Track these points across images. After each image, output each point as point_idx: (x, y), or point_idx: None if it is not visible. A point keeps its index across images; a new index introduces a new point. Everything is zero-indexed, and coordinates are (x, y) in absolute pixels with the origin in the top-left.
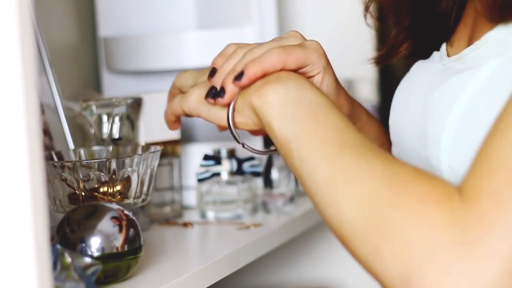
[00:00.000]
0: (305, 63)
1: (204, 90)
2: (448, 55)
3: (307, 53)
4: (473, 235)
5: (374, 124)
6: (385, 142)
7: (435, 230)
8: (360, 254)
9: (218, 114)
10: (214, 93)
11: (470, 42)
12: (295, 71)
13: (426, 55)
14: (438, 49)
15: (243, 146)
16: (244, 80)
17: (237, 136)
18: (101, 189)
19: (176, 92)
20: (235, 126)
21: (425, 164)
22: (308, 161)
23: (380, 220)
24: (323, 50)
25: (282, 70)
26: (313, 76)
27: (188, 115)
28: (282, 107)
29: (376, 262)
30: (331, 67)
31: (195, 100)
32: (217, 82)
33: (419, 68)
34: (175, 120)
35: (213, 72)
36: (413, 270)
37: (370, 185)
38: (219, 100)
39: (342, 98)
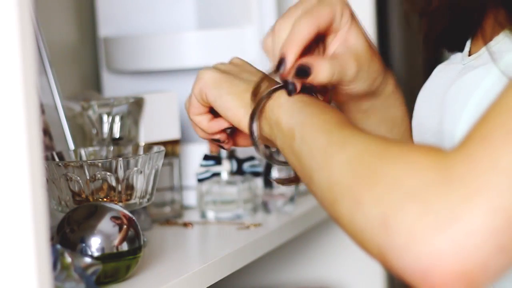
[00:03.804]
0: (334, 20)
1: (220, 74)
2: (470, 54)
3: (333, 9)
4: (457, 173)
5: (400, 102)
6: (407, 126)
7: (417, 171)
8: (342, 212)
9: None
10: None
11: (491, 40)
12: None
13: (458, 46)
14: (464, 44)
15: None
16: (289, 65)
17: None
18: (106, 189)
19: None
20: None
21: None
22: (307, 140)
23: (366, 172)
24: (345, 0)
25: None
26: (340, 30)
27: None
28: (292, 104)
29: (357, 215)
30: (355, 19)
31: (206, 83)
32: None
33: (441, 71)
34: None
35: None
36: (391, 212)
37: (362, 145)
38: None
39: (375, 60)
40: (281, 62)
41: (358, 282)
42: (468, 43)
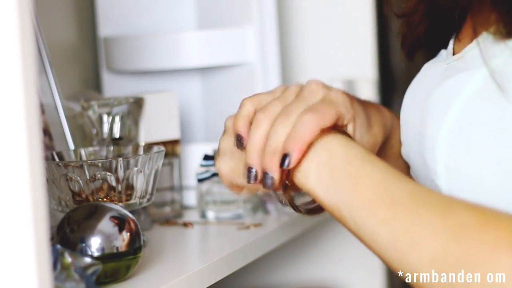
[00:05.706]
0: (337, 121)
1: (232, 161)
2: (454, 53)
3: (337, 109)
4: None
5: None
6: None
7: (510, 273)
8: None
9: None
10: (253, 174)
11: (473, 39)
12: None
13: (439, 47)
14: (447, 45)
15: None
16: (292, 164)
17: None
18: (106, 189)
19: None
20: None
21: (423, 164)
22: (364, 227)
23: (458, 276)
24: (348, 97)
25: None
26: (344, 126)
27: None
28: (319, 175)
29: None
30: (358, 108)
31: (228, 175)
32: (253, 162)
33: (428, 69)
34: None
35: (240, 141)
36: None
37: (436, 244)
38: (270, 187)
39: (376, 128)
40: (284, 158)
41: (358, 282)
42: (451, 41)
